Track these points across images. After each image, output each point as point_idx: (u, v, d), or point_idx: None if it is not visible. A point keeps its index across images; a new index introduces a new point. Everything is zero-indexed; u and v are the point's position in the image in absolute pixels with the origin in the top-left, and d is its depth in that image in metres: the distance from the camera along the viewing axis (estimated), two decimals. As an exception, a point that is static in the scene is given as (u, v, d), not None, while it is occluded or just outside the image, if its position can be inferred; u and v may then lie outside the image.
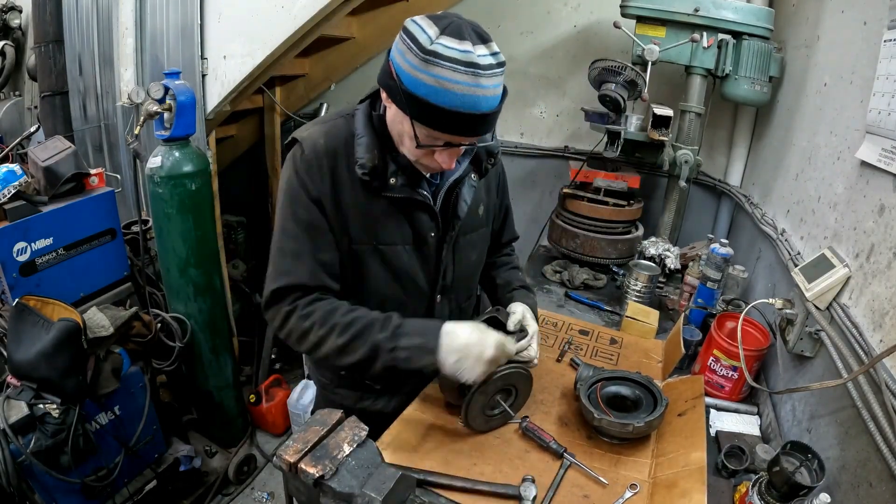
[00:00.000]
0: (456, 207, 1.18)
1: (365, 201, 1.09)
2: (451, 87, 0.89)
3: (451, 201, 1.17)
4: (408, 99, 0.92)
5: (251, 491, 2.53)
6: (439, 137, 0.97)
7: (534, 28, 2.69)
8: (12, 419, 1.59)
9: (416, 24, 0.93)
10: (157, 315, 2.19)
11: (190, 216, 2.12)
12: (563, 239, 2.21)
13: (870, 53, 1.25)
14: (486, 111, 0.93)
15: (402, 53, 0.93)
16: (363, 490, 0.79)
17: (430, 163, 1.04)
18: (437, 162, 1.03)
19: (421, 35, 0.90)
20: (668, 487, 1.03)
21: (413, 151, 1.02)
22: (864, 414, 0.94)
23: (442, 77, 0.89)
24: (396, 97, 0.95)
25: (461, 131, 0.95)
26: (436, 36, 0.89)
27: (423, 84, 0.90)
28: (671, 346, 1.54)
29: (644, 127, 2.08)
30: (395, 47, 0.96)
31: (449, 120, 0.92)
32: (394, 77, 0.94)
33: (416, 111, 0.93)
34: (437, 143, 0.98)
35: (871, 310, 1.05)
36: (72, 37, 2.67)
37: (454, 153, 1.04)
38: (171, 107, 1.96)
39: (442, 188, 1.16)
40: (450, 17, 0.93)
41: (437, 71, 0.89)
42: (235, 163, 3.52)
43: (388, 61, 0.97)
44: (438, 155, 1.01)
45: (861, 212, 1.19)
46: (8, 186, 1.78)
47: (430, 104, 0.91)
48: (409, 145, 1.01)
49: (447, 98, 0.90)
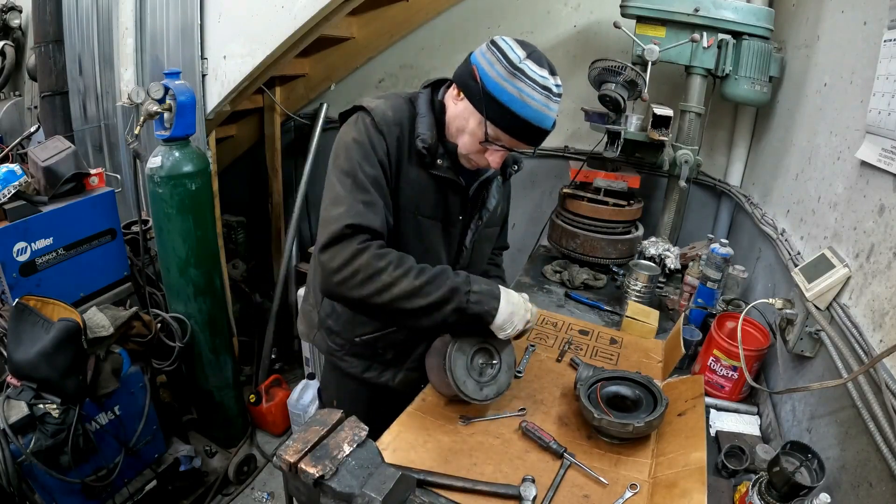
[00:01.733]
0: (485, 201, 1.33)
1: (416, 174, 1.21)
2: (528, 102, 1.06)
3: (480, 195, 1.32)
4: (488, 101, 1.08)
5: (251, 491, 2.53)
6: (502, 139, 1.12)
7: (534, 28, 2.68)
8: (12, 419, 1.59)
9: (505, 42, 1.09)
10: (157, 315, 2.19)
11: (190, 216, 2.12)
12: (563, 239, 2.21)
13: (870, 53, 1.25)
14: (546, 128, 1.11)
15: (489, 63, 1.08)
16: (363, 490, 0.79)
17: (480, 160, 1.18)
18: (487, 160, 1.17)
19: (511, 52, 1.07)
20: (668, 487, 1.03)
21: (469, 146, 1.16)
22: (864, 414, 0.94)
23: (524, 91, 1.05)
24: (474, 97, 1.10)
25: (523, 139, 1.12)
26: (523, 57, 1.06)
27: (507, 92, 1.06)
28: (671, 346, 1.54)
29: (644, 127, 2.08)
30: (482, 55, 1.10)
31: (518, 127, 1.09)
32: (476, 80, 1.09)
33: (493, 113, 1.09)
34: (497, 143, 1.13)
35: (871, 310, 1.05)
36: (72, 37, 2.67)
37: (504, 155, 1.17)
38: (171, 107, 1.96)
39: (473, 184, 1.29)
40: (532, 46, 1.10)
41: (521, 86, 1.05)
42: (235, 163, 3.52)
43: (470, 64, 1.12)
44: (491, 154, 1.16)
45: (861, 212, 1.19)
46: (8, 186, 1.78)
47: (508, 110, 1.07)
48: (467, 140, 1.16)
49: (523, 109, 1.06)
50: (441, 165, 1.21)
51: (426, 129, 1.19)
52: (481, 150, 1.16)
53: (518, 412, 1.27)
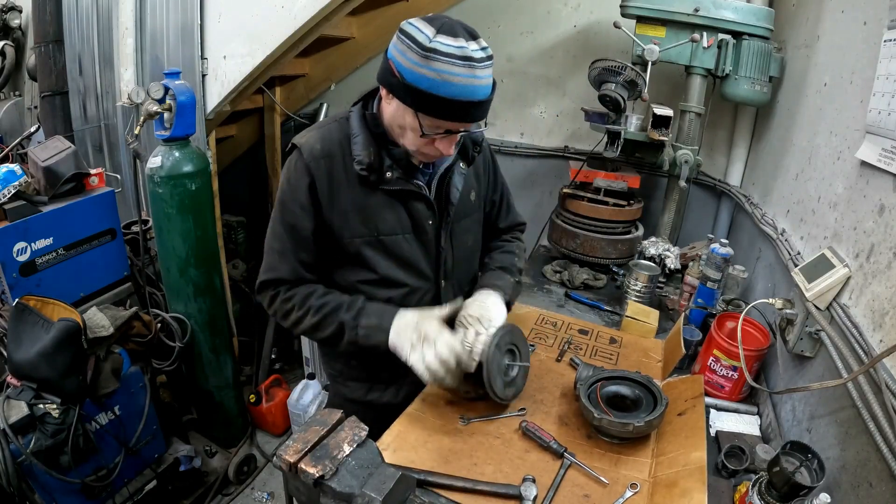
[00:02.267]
0: (449, 195, 1.27)
1: (363, 197, 1.18)
2: (450, 79, 0.99)
3: (443, 190, 1.26)
4: (411, 93, 1.02)
5: (251, 491, 2.53)
6: (440, 125, 1.07)
7: (534, 28, 2.69)
8: (12, 419, 1.59)
9: (412, 25, 1.03)
10: (157, 315, 2.19)
11: (190, 216, 2.12)
12: (563, 239, 2.21)
13: (870, 53, 1.25)
14: (481, 99, 1.04)
15: (402, 52, 1.02)
16: (363, 490, 0.79)
17: (431, 151, 1.13)
18: (438, 149, 1.12)
19: (419, 35, 1.00)
20: (668, 487, 1.03)
21: (415, 142, 1.11)
22: (864, 414, 0.94)
23: (442, 71, 0.98)
24: (399, 93, 1.05)
25: (460, 118, 1.06)
26: (433, 35, 0.99)
27: (426, 78, 1.00)
28: (671, 345, 1.54)
29: (644, 127, 2.08)
30: (394, 47, 1.05)
31: (450, 108, 1.03)
32: (395, 74, 1.03)
33: (420, 103, 1.03)
34: (438, 132, 1.08)
35: (871, 310, 1.05)
36: (72, 37, 2.67)
37: (453, 140, 1.13)
38: (171, 107, 1.96)
39: (434, 178, 1.25)
40: (441, 18, 1.03)
41: (438, 66, 0.98)
42: (235, 163, 3.52)
43: (387, 60, 1.06)
44: (439, 142, 1.11)
45: (861, 212, 1.19)
46: (8, 186, 1.78)
47: (433, 95, 1.00)
48: (410, 137, 1.11)
49: (448, 89, 1.00)
50: (391, 178, 1.17)
51: (361, 149, 1.15)
52: (429, 142, 1.10)
53: (518, 412, 1.27)
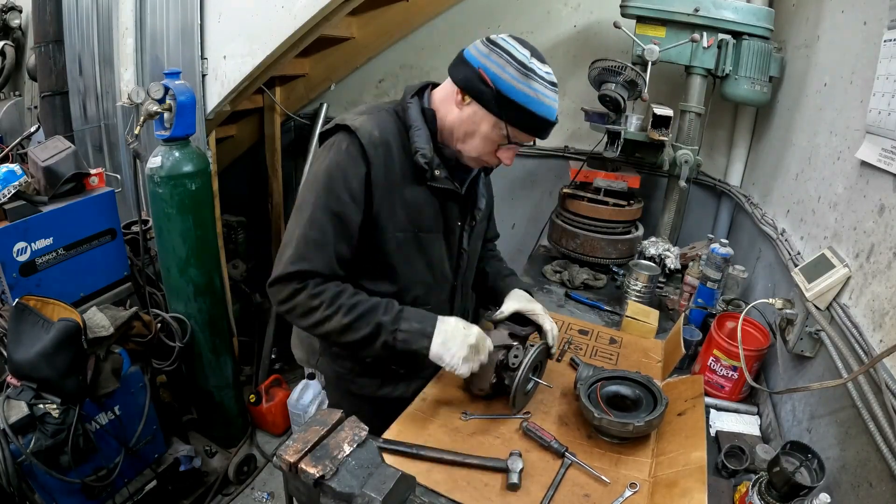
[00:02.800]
0: (476, 200, 1.33)
1: (411, 191, 1.19)
2: (542, 99, 1.10)
3: (470, 195, 1.32)
4: (505, 104, 1.09)
5: (251, 491, 2.53)
6: (520, 137, 1.15)
7: (534, 28, 2.68)
8: (12, 419, 1.59)
9: (506, 41, 1.11)
10: (157, 315, 2.19)
11: (190, 216, 2.12)
12: (563, 239, 2.21)
13: (870, 53, 1.25)
14: (554, 120, 1.15)
15: (499, 66, 1.08)
16: (363, 490, 0.79)
17: (491, 159, 1.20)
18: (499, 159, 1.20)
19: (517, 53, 1.09)
20: (668, 486, 1.03)
21: (480, 149, 1.17)
22: (864, 414, 0.94)
23: (538, 90, 1.09)
24: (487, 101, 1.10)
25: (539, 134, 1.15)
26: (529, 56, 1.09)
27: (523, 93, 1.08)
28: (671, 345, 1.54)
29: (644, 127, 2.08)
30: (487, 58, 1.10)
31: (536, 124, 1.13)
32: (488, 84, 1.09)
33: (513, 115, 1.11)
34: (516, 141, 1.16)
35: (871, 310, 1.05)
36: (72, 37, 2.67)
37: (515, 151, 1.20)
38: (171, 107, 1.96)
39: (465, 183, 1.28)
40: (529, 44, 1.12)
41: (535, 85, 1.08)
42: (235, 163, 3.52)
43: (473, 68, 1.11)
44: (504, 152, 1.18)
45: (861, 212, 1.19)
46: (8, 186, 1.78)
47: (527, 111, 1.09)
48: (477, 143, 1.16)
49: (539, 107, 1.10)
50: (439, 177, 1.19)
51: (424, 142, 1.17)
52: (492, 150, 1.18)
53: (522, 415, 1.26)
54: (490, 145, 1.17)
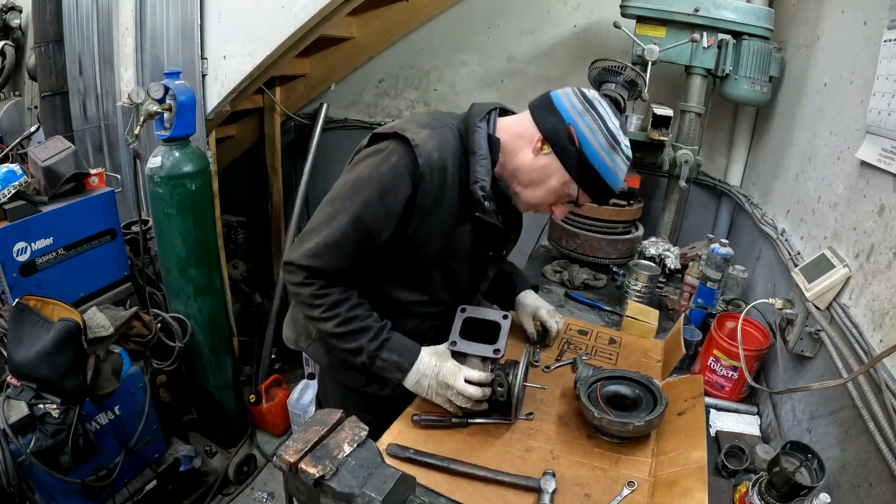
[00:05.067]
0: (510, 233, 1.31)
1: (456, 219, 1.16)
2: (618, 173, 1.11)
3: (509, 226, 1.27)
4: (585, 169, 1.09)
5: (251, 491, 2.53)
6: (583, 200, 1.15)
7: (534, 28, 2.69)
8: (12, 419, 1.58)
9: (602, 105, 1.09)
10: (157, 315, 2.19)
11: (190, 216, 2.12)
12: (563, 239, 2.21)
13: (870, 53, 1.25)
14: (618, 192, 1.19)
15: (591, 130, 1.07)
16: (363, 490, 0.79)
17: (544, 210, 1.21)
18: (554, 211, 1.21)
19: (610, 122, 1.08)
20: (668, 486, 1.03)
21: (542, 199, 1.16)
22: (864, 414, 0.94)
23: (618, 165, 1.10)
24: (568, 160, 1.09)
25: (602, 201, 1.18)
26: (618, 127, 1.09)
27: (605, 165, 1.08)
28: (671, 345, 1.54)
29: (644, 127, 2.08)
30: (581, 116, 1.07)
31: (606, 194, 1.14)
32: (575, 143, 1.07)
33: (587, 181, 1.10)
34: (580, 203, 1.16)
35: (871, 310, 1.05)
36: (72, 37, 2.67)
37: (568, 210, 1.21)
38: (171, 107, 1.96)
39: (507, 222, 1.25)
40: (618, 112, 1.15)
41: (617, 159, 1.09)
42: (235, 163, 3.52)
43: (565, 122, 1.08)
44: (559, 208, 1.19)
45: (861, 212, 1.19)
46: (8, 186, 1.78)
47: (602, 181, 1.10)
48: (541, 194, 1.15)
49: (613, 180, 1.11)
50: (488, 209, 1.13)
51: (486, 174, 1.11)
52: (551, 203, 1.18)
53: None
54: (552, 199, 1.16)
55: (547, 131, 1.09)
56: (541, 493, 1.02)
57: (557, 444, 1.19)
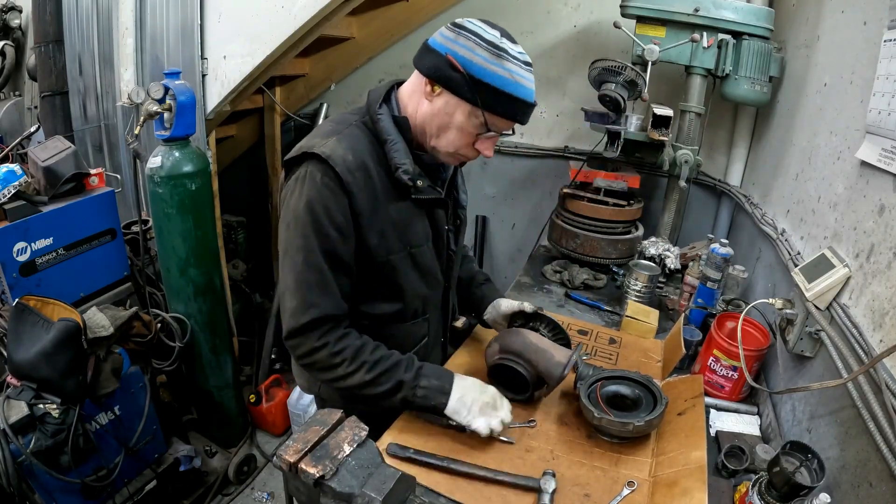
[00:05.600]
0: (458, 199, 1.28)
1: (397, 210, 1.13)
2: (519, 80, 1.02)
3: (452, 195, 1.27)
4: (481, 89, 1.01)
5: (251, 491, 2.53)
6: (498, 125, 1.07)
7: (534, 28, 2.69)
8: (12, 419, 1.58)
9: (473, 24, 1.04)
10: (157, 315, 2.19)
11: (190, 216, 2.12)
12: (563, 239, 2.21)
13: (870, 53, 1.25)
14: (533, 102, 1.07)
15: (468, 49, 1.01)
16: (363, 490, 0.79)
17: (469, 153, 1.12)
18: (477, 151, 1.11)
19: (486, 34, 1.02)
20: (668, 486, 1.03)
21: (456, 142, 1.09)
22: (864, 414, 0.94)
23: (513, 71, 1.01)
24: (460, 88, 1.02)
25: (519, 118, 1.08)
26: (499, 37, 1.03)
27: (497, 75, 1.01)
28: (671, 345, 1.54)
29: (644, 127, 2.08)
30: (455, 42, 1.02)
31: (515, 108, 1.05)
32: (459, 69, 1.01)
33: (490, 100, 1.02)
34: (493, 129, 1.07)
35: (871, 310, 1.05)
36: (72, 37, 2.67)
37: (494, 141, 1.12)
38: (171, 107, 1.96)
39: (444, 184, 1.24)
40: (497, 25, 1.06)
41: (509, 66, 1.01)
42: (235, 163, 3.52)
43: (441, 55, 1.03)
44: (482, 143, 1.10)
45: (861, 212, 1.19)
46: (8, 186, 1.78)
47: (505, 93, 1.02)
48: (453, 137, 1.08)
49: (516, 89, 1.02)
50: (422, 187, 1.12)
51: (403, 156, 1.09)
52: (469, 143, 1.10)
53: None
54: (467, 137, 1.08)
55: (429, 71, 1.06)
56: (541, 493, 1.03)
57: (557, 444, 1.19)
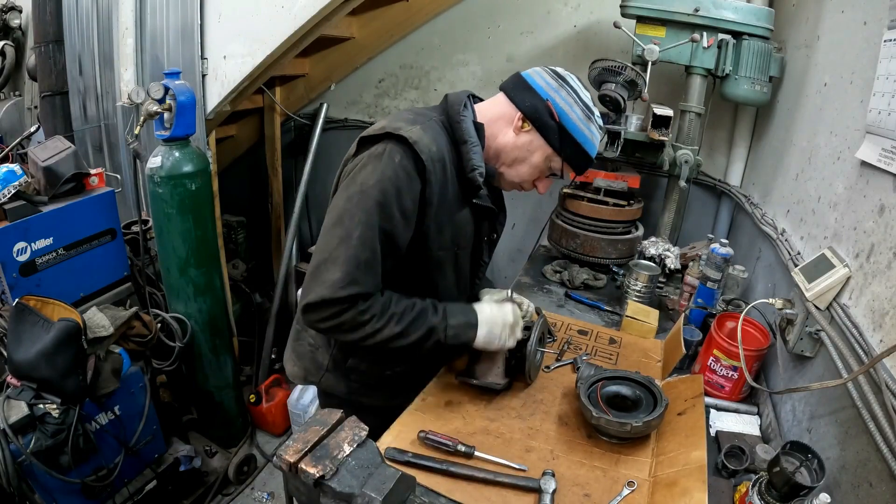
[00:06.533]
0: (498, 216, 1.35)
1: (457, 208, 1.18)
2: (594, 142, 1.18)
3: None
4: (566, 141, 1.15)
5: (251, 491, 2.53)
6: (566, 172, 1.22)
7: (534, 28, 2.69)
8: (12, 419, 1.59)
9: (574, 80, 1.16)
10: (157, 315, 2.19)
11: (190, 216, 2.12)
12: (563, 239, 2.21)
13: (870, 53, 1.25)
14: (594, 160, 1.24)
15: (568, 104, 1.14)
16: (363, 490, 0.79)
17: (528, 187, 1.25)
18: (535, 186, 1.25)
19: (582, 94, 1.15)
20: (668, 486, 1.03)
21: (527, 176, 1.22)
22: (864, 414, 0.94)
23: (594, 134, 1.17)
24: (549, 134, 1.15)
25: (582, 171, 1.23)
26: (590, 99, 1.16)
27: (584, 135, 1.15)
28: (671, 345, 1.54)
29: (644, 127, 2.08)
30: (557, 93, 1.14)
31: (583, 162, 1.20)
32: (554, 118, 1.13)
33: (570, 152, 1.17)
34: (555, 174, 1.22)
35: (871, 310, 1.05)
36: (72, 37, 2.67)
37: (551, 182, 1.26)
38: (171, 107, 1.96)
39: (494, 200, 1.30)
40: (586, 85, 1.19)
41: (593, 129, 1.17)
42: (235, 163, 3.52)
43: (540, 98, 1.14)
44: (542, 182, 1.25)
45: (861, 212, 1.19)
46: (8, 186, 1.78)
47: (583, 150, 1.17)
48: (525, 170, 1.20)
49: (591, 149, 1.18)
50: (483, 195, 1.19)
51: (479, 160, 1.15)
52: (534, 179, 1.23)
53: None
54: (536, 174, 1.21)
55: (526, 109, 1.15)
56: (541, 494, 1.03)
57: (557, 444, 1.19)
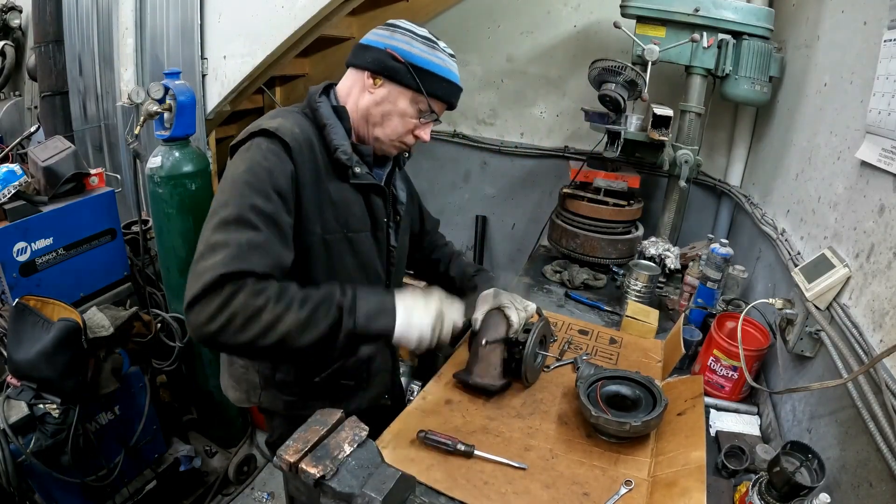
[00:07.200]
0: (396, 195, 1.33)
1: (336, 189, 1.17)
2: (451, 68, 1.17)
3: (390, 189, 1.31)
4: (422, 76, 1.13)
5: (251, 491, 2.53)
6: (436, 108, 1.18)
7: (534, 28, 2.69)
8: (12, 419, 1.59)
9: (404, 22, 1.17)
10: (157, 315, 2.19)
11: (190, 216, 2.11)
12: (563, 239, 2.21)
13: (870, 53, 1.25)
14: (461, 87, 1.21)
15: (406, 42, 1.13)
16: (363, 490, 0.79)
17: (409, 139, 1.21)
18: (418, 136, 1.20)
19: (417, 30, 1.16)
20: (667, 486, 1.03)
21: (399, 129, 1.18)
22: (864, 414, 0.94)
23: (446, 60, 1.16)
24: (403, 77, 1.13)
25: (454, 101, 1.20)
26: (429, 33, 1.16)
27: (436, 64, 1.14)
28: (671, 345, 1.54)
29: (644, 127, 2.08)
30: (392, 38, 1.14)
31: (452, 91, 1.18)
32: (399, 60, 1.12)
33: (431, 85, 1.14)
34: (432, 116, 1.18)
35: (871, 310, 1.05)
36: (72, 37, 2.67)
37: (431, 126, 1.22)
38: (171, 107, 1.96)
39: (382, 179, 1.28)
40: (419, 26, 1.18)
41: (441, 55, 1.16)
42: (235, 163, 3.52)
43: (380, 49, 1.13)
44: (421, 129, 1.20)
45: (861, 212, 1.19)
46: (8, 186, 1.78)
47: (443, 78, 1.15)
48: (397, 122, 1.17)
49: (450, 75, 1.17)
50: (360, 173, 1.18)
51: (342, 138, 1.15)
52: (411, 129, 1.19)
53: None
54: (408, 123, 1.18)
55: (370, 65, 1.14)
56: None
57: (557, 443, 1.19)
